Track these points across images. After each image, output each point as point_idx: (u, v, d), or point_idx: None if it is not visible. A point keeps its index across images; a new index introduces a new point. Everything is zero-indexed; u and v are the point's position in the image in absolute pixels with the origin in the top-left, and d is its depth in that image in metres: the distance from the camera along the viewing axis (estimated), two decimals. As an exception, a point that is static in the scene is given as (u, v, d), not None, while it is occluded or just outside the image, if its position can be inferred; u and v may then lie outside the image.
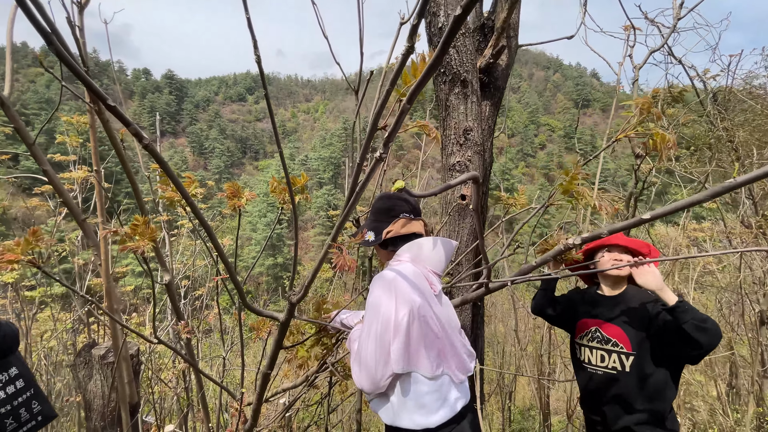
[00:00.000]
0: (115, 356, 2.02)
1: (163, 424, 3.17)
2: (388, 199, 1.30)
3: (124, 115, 0.60)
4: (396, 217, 1.26)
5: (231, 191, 1.24)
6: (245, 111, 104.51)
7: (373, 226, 1.28)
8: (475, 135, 1.78)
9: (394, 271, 1.12)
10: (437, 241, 1.22)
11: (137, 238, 0.95)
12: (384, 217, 1.27)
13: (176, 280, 4.62)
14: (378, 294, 1.08)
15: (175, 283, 4.51)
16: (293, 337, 1.32)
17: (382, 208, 1.29)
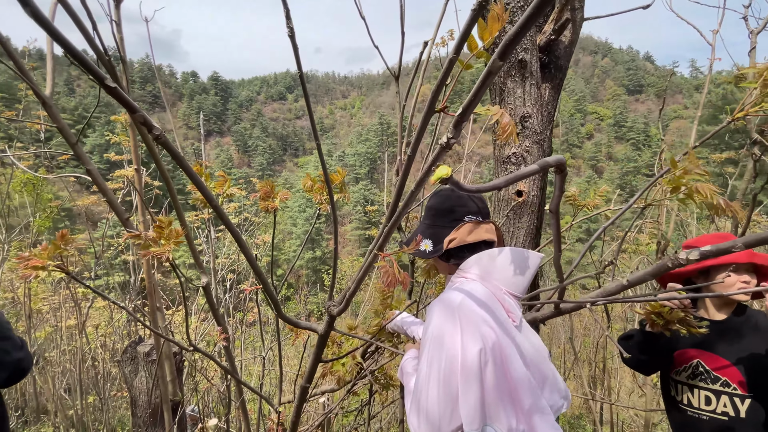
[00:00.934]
0: (157, 354, 2.02)
1: (207, 418, 3.22)
2: (448, 198, 1.04)
3: (128, 100, 0.49)
4: (460, 220, 1.01)
5: (264, 191, 1.13)
6: (285, 109, 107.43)
7: (431, 233, 1.03)
8: (533, 122, 1.57)
9: (459, 292, 0.87)
10: (516, 252, 0.95)
11: (162, 242, 0.86)
12: (444, 220, 1.02)
13: (221, 273, 4.73)
14: (439, 324, 0.84)
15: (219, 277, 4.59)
16: (329, 350, 1.20)
17: (442, 209, 1.04)
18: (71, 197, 4.98)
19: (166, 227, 0.91)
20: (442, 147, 0.53)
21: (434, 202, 1.07)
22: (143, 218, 1.79)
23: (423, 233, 1.05)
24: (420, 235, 1.03)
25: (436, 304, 0.89)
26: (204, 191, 0.64)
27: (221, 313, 3.93)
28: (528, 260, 0.95)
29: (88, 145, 42.49)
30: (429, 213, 1.08)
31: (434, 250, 1.01)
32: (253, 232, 6.37)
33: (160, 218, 0.96)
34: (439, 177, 0.59)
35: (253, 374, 4.46)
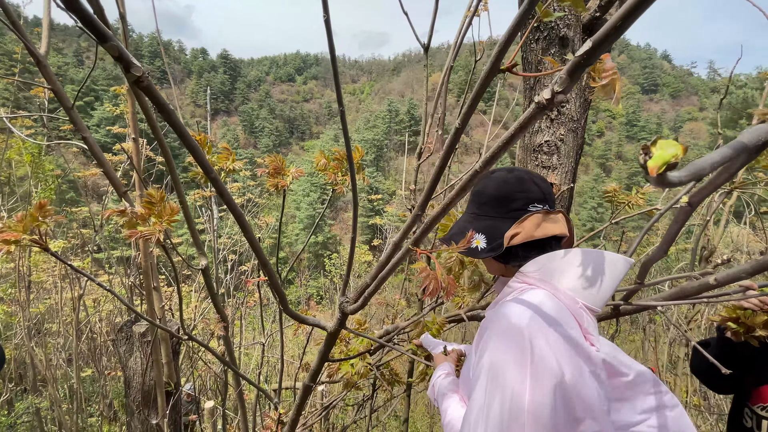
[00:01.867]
0: (151, 336, 1.93)
1: (204, 399, 3.16)
2: (506, 181, 0.82)
3: (96, 23, 0.36)
4: (523, 210, 0.79)
5: (274, 167, 1.00)
6: (293, 91, 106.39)
7: (483, 225, 0.81)
8: (571, 108, 1.43)
9: (524, 307, 0.67)
10: (596, 255, 0.73)
11: (153, 220, 0.74)
12: (501, 209, 0.81)
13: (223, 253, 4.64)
14: (500, 353, 0.64)
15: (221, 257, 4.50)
16: (337, 348, 1.09)
17: (498, 196, 0.82)
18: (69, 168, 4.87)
19: (158, 203, 0.78)
20: (541, 107, 0.40)
21: (487, 187, 0.85)
22: (141, 192, 1.67)
23: (474, 226, 0.83)
24: (471, 230, 0.78)
25: (494, 322, 0.69)
26: (199, 157, 0.51)
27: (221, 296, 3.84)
28: (614, 266, 0.73)
29: (95, 118, 42.32)
30: (479, 200, 0.86)
31: (490, 248, 0.79)
32: (257, 214, 6.27)
33: (150, 192, 0.84)
34: (665, 161, 0.35)
35: (252, 357, 4.40)
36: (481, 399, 0.64)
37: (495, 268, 0.87)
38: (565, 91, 0.39)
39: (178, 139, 1.08)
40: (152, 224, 0.85)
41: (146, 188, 1.69)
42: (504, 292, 0.81)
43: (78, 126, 1.58)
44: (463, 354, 1.06)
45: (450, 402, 0.87)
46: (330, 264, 15.37)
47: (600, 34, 0.37)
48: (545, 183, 0.84)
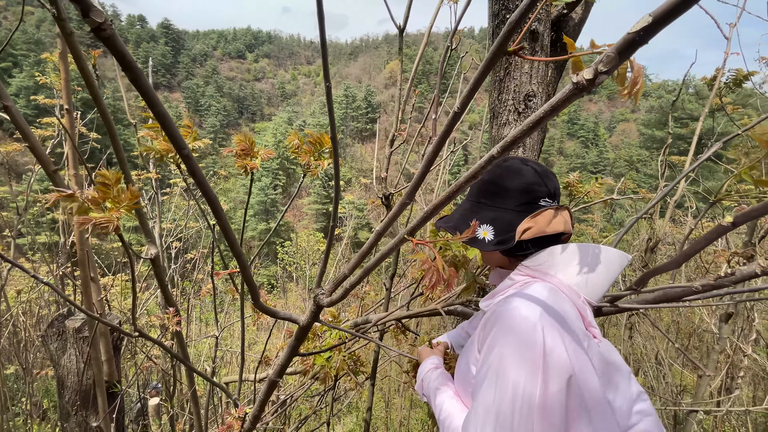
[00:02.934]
0: (89, 331, 1.75)
1: (149, 397, 2.96)
2: (520, 173, 0.80)
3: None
4: (535, 203, 0.78)
5: (242, 147, 0.92)
6: (244, 69, 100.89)
7: (492, 217, 0.79)
8: (537, 102, 1.46)
9: (532, 303, 0.66)
10: (596, 249, 0.76)
11: (108, 205, 0.64)
12: (512, 201, 0.79)
13: (167, 240, 4.33)
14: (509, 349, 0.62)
15: (164, 244, 4.20)
16: (308, 343, 1.05)
17: (511, 188, 0.79)
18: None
19: (113, 185, 0.68)
20: (580, 88, 0.38)
21: (500, 177, 0.82)
22: (75, 172, 1.48)
23: (479, 216, 0.80)
24: (475, 220, 0.71)
25: (502, 316, 0.67)
26: (171, 129, 0.44)
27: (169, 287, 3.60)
28: (611, 261, 0.76)
29: (13, 87, 37.27)
30: (488, 190, 0.83)
31: (499, 241, 0.77)
32: (202, 198, 5.88)
33: (103, 173, 0.73)
34: None
35: (201, 350, 4.19)
36: (490, 397, 0.62)
37: (495, 259, 0.86)
38: (609, 71, 0.37)
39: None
40: (108, 210, 0.74)
41: (84, 166, 1.50)
42: (503, 284, 0.80)
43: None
44: (448, 346, 1.04)
45: (444, 397, 0.83)
46: (283, 252, 14.97)
47: (664, 8, 0.33)
48: (555, 178, 0.84)
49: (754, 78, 2.68)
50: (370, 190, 28.60)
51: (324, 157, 0.98)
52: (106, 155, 2.69)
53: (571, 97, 0.40)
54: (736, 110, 3.07)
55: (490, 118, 1.63)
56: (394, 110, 1.94)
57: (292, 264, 13.67)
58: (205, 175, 2.49)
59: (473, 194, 0.87)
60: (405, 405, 3.78)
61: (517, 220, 0.78)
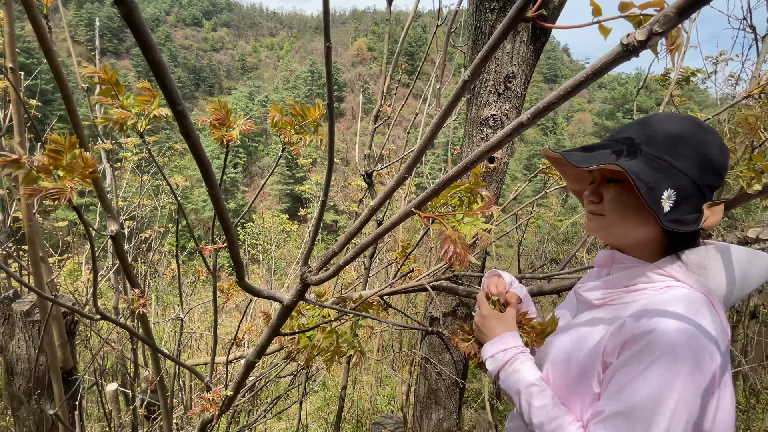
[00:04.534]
0: (41, 315, 1.62)
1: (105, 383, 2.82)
2: (720, 147, 0.66)
3: None
4: (714, 191, 0.66)
5: (217, 117, 0.85)
6: (200, 38, 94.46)
7: (680, 185, 0.63)
8: (517, 84, 1.48)
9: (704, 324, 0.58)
10: (747, 253, 0.65)
11: (60, 173, 0.58)
12: (706, 176, 0.65)
13: (121, 219, 4.05)
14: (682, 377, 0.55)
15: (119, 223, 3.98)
16: (292, 321, 1.03)
17: (714, 162, 0.65)
18: None
19: (67, 151, 0.61)
20: (630, 50, 0.36)
21: (700, 140, 0.65)
22: (21, 139, 1.33)
23: (662, 175, 0.63)
24: (657, 182, 0.62)
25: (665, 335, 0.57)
26: (167, 80, 0.39)
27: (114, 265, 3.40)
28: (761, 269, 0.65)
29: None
30: (680, 151, 0.65)
31: (678, 219, 0.63)
32: (155, 175, 5.51)
33: (55, 137, 0.66)
34: None
35: (162, 337, 4.02)
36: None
37: (634, 237, 0.70)
38: (664, 33, 0.35)
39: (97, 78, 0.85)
40: (61, 179, 0.67)
41: (27, 133, 1.35)
42: (634, 278, 0.69)
43: None
44: (520, 299, 0.86)
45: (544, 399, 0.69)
46: (245, 233, 14.53)
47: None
48: None
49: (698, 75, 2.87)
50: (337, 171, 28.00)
51: (306, 132, 0.94)
52: (53, 124, 2.44)
53: (618, 60, 0.38)
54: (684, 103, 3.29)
55: (468, 98, 1.63)
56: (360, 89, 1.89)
57: (255, 246, 13.33)
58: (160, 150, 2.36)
59: (651, 143, 0.67)
60: (372, 382, 3.88)
61: (698, 199, 0.64)
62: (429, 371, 1.73)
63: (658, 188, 0.62)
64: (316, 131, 0.96)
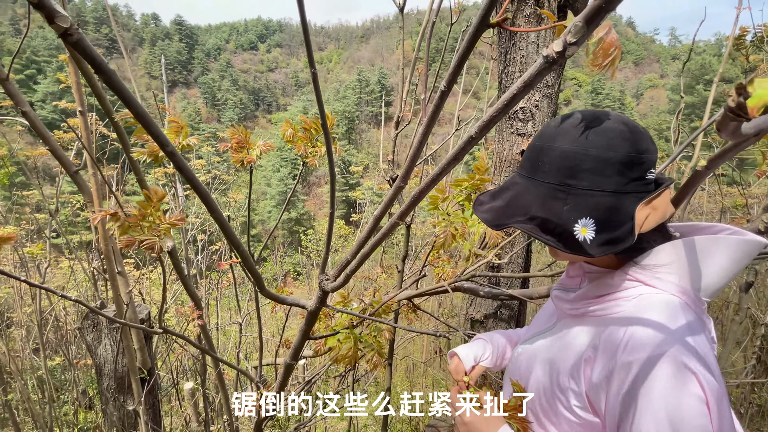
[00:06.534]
0: (120, 323, 1.85)
1: (183, 381, 3.13)
2: (622, 135, 0.58)
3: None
4: (643, 179, 0.58)
5: (237, 140, 0.93)
6: (257, 60, 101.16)
7: (593, 204, 0.57)
8: (545, 73, 1.41)
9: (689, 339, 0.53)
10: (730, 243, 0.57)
11: (146, 224, 0.66)
12: (617, 180, 0.57)
13: (192, 233, 4.47)
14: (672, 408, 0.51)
15: (189, 237, 4.35)
16: (320, 323, 1.07)
17: (614, 160, 0.57)
18: (14, 148, 4.47)
19: (155, 202, 0.70)
20: (550, 61, 0.37)
21: (592, 145, 0.58)
22: (93, 172, 1.54)
23: (569, 206, 0.58)
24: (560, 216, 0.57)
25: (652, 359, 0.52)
26: (151, 128, 0.45)
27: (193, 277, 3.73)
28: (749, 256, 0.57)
29: (39, 93, 38.83)
30: (571, 165, 0.58)
31: (610, 240, 0.56)
32: (225, 192, 6.03)
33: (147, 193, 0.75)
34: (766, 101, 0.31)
35: (230, 336, 4.37)
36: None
37: (602, 258, 0.64)
38: (579, 42, 0.36)
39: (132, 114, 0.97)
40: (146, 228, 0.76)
41: (99, 167, 1.56)
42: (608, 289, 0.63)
43: (16, 99, 1.42)
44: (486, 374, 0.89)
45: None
46: (306, 240, 15.27)
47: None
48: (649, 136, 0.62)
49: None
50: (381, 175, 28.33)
51: (320, 144, 0.98)
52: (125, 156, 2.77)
53: (542, 71, 0.39)
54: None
55: (497, 92, 1.58)
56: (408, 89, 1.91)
57: (315, 251, 13.93)
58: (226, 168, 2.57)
59: (549, 169, 0.61)
60: (428, 384, 3.85)
61: (627, 205, 0.57)
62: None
63: (568, 225, 0.57)
64: (333, 142, 1.00)
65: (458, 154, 0.48)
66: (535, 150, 0.64)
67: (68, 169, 1.59)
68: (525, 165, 0.66)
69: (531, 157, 0.65)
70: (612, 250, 0.56)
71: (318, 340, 1.08)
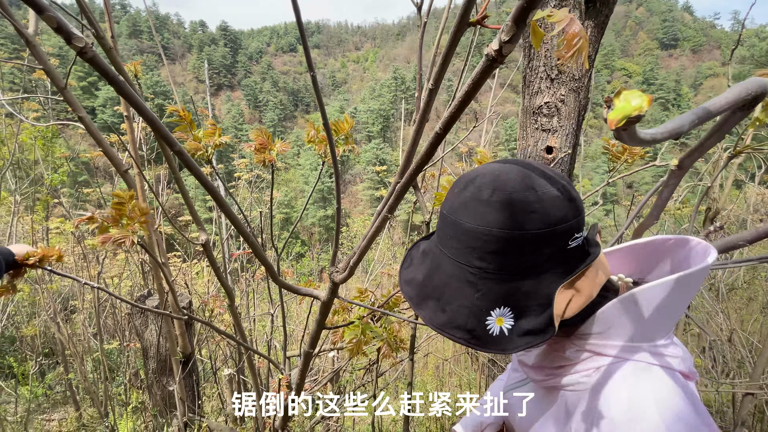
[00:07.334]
0: (162, 309, 2.00)
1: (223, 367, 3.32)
2: (527, 208, 0.47)
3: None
4: (564, 250, 0.49)
5: (260, 142, 0.99)
6: (296, 62, 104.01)
7: (505, 290, 0.49)
8: (572, 67, 1.37)
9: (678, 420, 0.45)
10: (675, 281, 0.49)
11: (124, 222, 0.74)
12: (530, 259, 0.48)
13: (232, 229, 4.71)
14: None
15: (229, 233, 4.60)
16: (338, 316, 1.12)
17: (527, 238, 0.47)
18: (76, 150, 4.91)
19: (127, 203, 0.79)
20: (491, 59, 0.39)
21: (492, 223, 0.48)
22: (138, 171, 1.69)
23: (480, 292, 0.50)
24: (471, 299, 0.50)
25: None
26: (160, 130, 0.51)
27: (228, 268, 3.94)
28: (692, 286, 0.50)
29: (100, 99, 42.25)
30: (480, 246, 0.49)
31: (529, 331, 0.48)
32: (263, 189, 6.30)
33: (118, 193, 0.84)
34: (626, 115, 0.31)
35: (265, 326, 4.57)
36: None
37: None
38: (512, 40, 0.37)
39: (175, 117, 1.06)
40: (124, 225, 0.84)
41: (145, 167, 1.70)
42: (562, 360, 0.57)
43: (73, 106, 1.59)
44: None
45: None
46: (342, 237, 15.60)
47: None
48: (570, 184, 0.52)
49: None
50: (423, 173, 28.18)
51: (340, 143, 1.02)
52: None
53: (487, 69, 0.40)
54: None
55: (522, 87, 1.55)
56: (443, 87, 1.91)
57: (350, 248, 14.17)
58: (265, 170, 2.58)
59: (459, 251, 0.52)
60: (455, 383, 3.83)
61: (545, 287, 0.49)
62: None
63: (481, 317, 0.49)
64: (347, 142, 1.04)
65: (429, 151, 0.50)
66: (443, 220, 0.54)
67: (119, 169, 1.74)
68: (438, 233, 0.56)
69: (441, 226, 0.55)
70: (535, 342, 0.47)
71: (335, 332, 1.13)
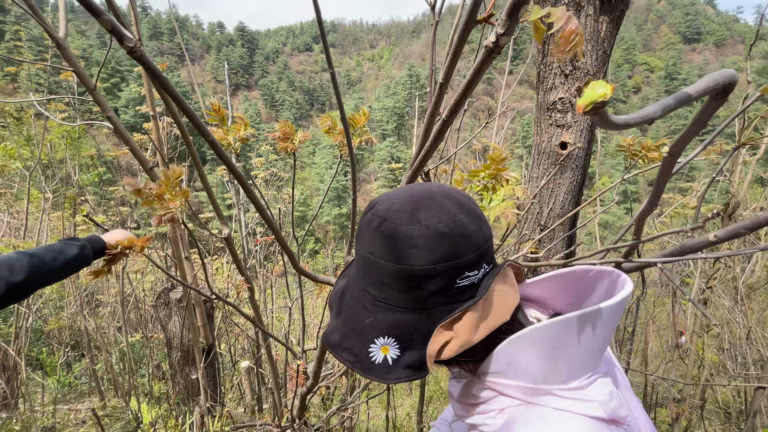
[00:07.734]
0: (184, 301, 2.08)
1: (241, 359, 3.41)
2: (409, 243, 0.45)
3: (91, 3, 0.39)
4: (447, 293, 0.46)
5: (284, 132, 1.04)
6: (312, 61, 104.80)
7: (392, 321, 0.48)
8: (587, 62, 1.37)
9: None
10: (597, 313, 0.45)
11: (167, 197, 0.80)
12: (418, 291, 0.46)
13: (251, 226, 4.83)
14: None
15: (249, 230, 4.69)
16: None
17: (413, 275, 0.45)
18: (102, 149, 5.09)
19: (173, 179, 0.84)
20: (489, 50, 0.42)
21: (382, 254, 0.47)
22: (163, 169, 1.76)
23: (371, 320, 0.49)
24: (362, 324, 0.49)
25: None
26: (195, 120, 0.55)
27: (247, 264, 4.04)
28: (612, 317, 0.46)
29: (122, 100, 43.53)
30: (371, 274, 0.49)
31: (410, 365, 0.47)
32: (281, 188, 6.42)
33: (165, 172, 0.90)
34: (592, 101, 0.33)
35: (283, 321, 4.66)
36: None
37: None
38: (507, 33, 0.40)
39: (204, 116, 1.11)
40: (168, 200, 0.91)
41: (168, 165, 1.77)
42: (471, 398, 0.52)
43: (102, 106, 1.67)
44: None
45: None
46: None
47: None
48: (475, 218, 0.48)
49: None
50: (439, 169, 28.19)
51: (356, 137, 1.06)
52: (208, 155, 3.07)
53: (486, 59, 0.43)
54: None
55: (536, 83, 1.56)
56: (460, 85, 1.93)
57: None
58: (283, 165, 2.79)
59: (360, 274, 0.52)
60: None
61: (428, 323, 0.47)
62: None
63: (365, 343, 0.48)
64: (363, 134, 1.07)
65: (437, 137, 0.53)
66: (361, 240, 0.52)
67: (144, 166, 1.82)
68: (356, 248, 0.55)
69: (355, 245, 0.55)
70: (414, 377, 0.46)
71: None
